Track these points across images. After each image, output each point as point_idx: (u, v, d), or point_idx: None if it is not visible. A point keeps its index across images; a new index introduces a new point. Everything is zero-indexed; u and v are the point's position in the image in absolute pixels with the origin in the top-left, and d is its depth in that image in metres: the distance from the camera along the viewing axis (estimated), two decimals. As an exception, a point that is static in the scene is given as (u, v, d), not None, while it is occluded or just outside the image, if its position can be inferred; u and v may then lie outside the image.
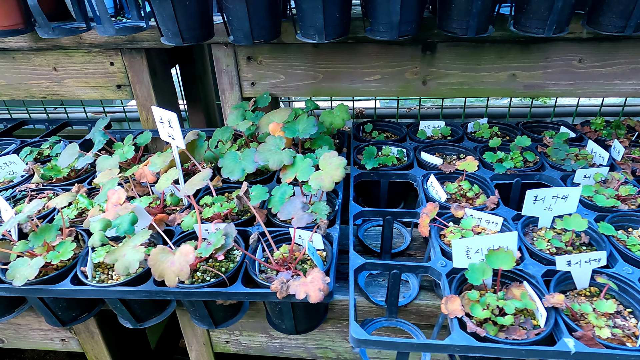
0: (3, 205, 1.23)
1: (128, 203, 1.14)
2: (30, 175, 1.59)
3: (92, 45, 1.70)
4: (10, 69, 1.81)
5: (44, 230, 1.14)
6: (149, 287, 1.05)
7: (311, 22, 1.29)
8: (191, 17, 1.33)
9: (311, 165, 1.25)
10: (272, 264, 1.11)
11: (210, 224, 1.16)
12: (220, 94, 1.80)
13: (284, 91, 1.78)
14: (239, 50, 1.70)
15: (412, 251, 1.44)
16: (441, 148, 1.65)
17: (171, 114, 1.23)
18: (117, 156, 1.43)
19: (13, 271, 1.05)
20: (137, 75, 1.77)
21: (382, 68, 1.68)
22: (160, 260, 0.94)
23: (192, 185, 1.10)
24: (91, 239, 1.04)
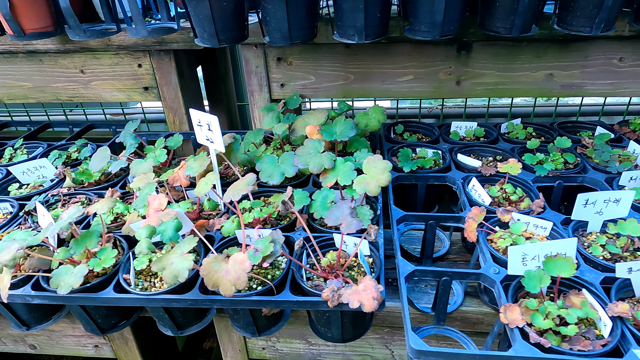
0: (41, 211, 1.21)
1: (170, 209, 1.12)
2: (61, 180, 1.57)
3: (120, 47, 1.68)
4: (36, 72, 1.79)
5: (85, 237, 1.12)
6: (195, 295, 1.03)
7: (351, 22, 1.26)
8: (228, 18, 1.30)
9: (352, 168, 1.22)
10: (318, 270, 1.08)
11: (252, 230, 1.14)
12: (249, 95, 1.77)
13: (314, 92, 1.75)
14: (269, 51, 1.67)
15: (452, 255, 1.41)
16: (476, 149, 1.62)
17: (211, 117, 1.21)
18: (150, 160, 1.41)
19: (57, 279, 1.03)
20: (165, 77, 1.75)
21: (415, 68, 1.65)
22: (213, 270, 0.92)
23: (238, 191, 1.07)
24: (138, 247, 1.01)
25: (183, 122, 1.86)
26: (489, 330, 1.24)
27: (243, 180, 1.10)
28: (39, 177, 1.59)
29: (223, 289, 0.91)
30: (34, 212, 1.39)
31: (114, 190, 1.42)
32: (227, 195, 1.09)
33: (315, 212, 1.19)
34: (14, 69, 1.79)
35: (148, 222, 1.09)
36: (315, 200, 1.21)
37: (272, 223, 1.27)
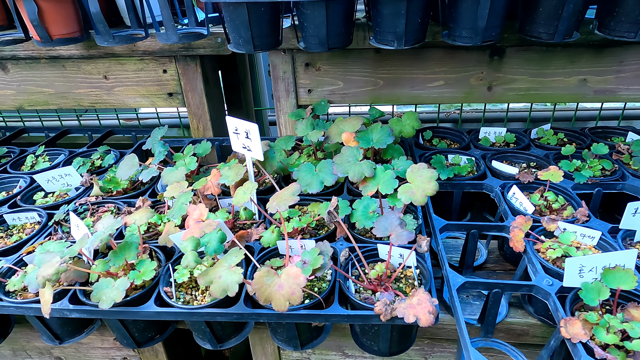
0: (75, 221, 1.18)
1: (211, 219, 1.09)
2: (87, 188, 1.54)
3: (145, 53, 1.65)
4: (59, 78, 1.76)
5: (123, 248, 1.09)
6: (240, 309, 1.00)
7: (391, 27, 1.24)
8: (264, 24, 1.28)
9: (393, 177, 1.20)
10: (365, 282, 1.05)
11: (295, 241, 1.11)
12: (275, 101, 1.75)
13: (342, 98, 1.72)
14: (297, 57, 1.64)
15: (490, 265, 1.38)
16: (509, 156, 1.59)
17: (251, 125, 1.18)
18: (182, 168, 1.38)
19: (98, 293, 1.00)
20: (191, 83, 1.72)
21: (446, 74, 1.63)
22: (266, 284, 0.89)
23: (283, 201, 1.04)
24: (184, 259, 0.98)
25: (207, 129, 1.83)
26: (534, 342, 1.22)
27: (288, 190, 1.07)
28: (63, 185, 1.55)
29: (276, 304, 0.88)
30: (64, 222, 1.36)
31: (145, 199, 1.39)
32: (271, 205, 1.06)
33: (357, 221, 1.16)
34: (36, 75, 1.76)
35: (190, 233, 1.06)
36: (356, 210, 1.18)
37: (311, 233, 1.24)
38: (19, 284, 1.09)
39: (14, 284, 1.09)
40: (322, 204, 1.19)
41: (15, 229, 1.40)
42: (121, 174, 1.47)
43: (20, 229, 1.39)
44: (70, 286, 1.09)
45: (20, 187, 1.60)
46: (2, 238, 1.36)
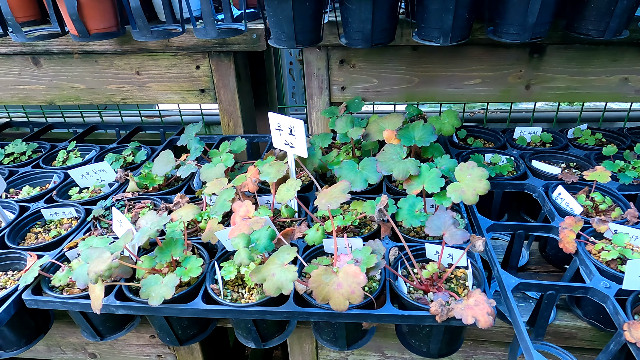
0: (118, 217, 1.17)
1: (258, 216, 1.07)
2: (122, 184, 1.53)
3: (179, 48, 1.64)
4: (91, 73, 1.76)
5: (169, 245, 1.08)
6: (290, 307, 0.98)
7: (437, 23, 1.22)
8: (307, 20, 1.26)
9: (439, 175, 1.18)
10: (415, 282, 1.03)
11: (342, 240, 1.09)
12: (308, 98, 1.73)
13: (376, 96, 1.71)
14: (332, 54, 1.63)
15: (532, 266, 1.36)
16: (547, 156, 1.57)
17: (296, 121, 1.17)
18: (221, 165, 1.36)
19: (147, 290, 0.98)
20: (223, 79, 1.71)
21: (483, 72, 1.60)
22: (324, 282, 0.87)
23: (334, 199, 1.02)
24: (237, 256, 0.97)
25: (237, 126, 1.82)
26: (581, 345, 1.20)
27: (337, 187, 1.05)
28: (97, 181, 1.55)
29: (335, 302, 0.86)
30: (102, 217, 1.35)
31: (182, 195, 1.38)
32: (320, 202, 1.05)
33: (403, 220, 1.14)
34: (68, 70, 1.76)
35: (237, 230, 1.05)
36: (401, 209, 1.16)
37: (354, 232, 1.22)
38: (65, 279, 1.08)
39: (59, 279, 1.08)
40: (367, 202, 1.18)
41: (53, 224, 1.39)
42: (157, 170, 1.46)
43: (58, 224, 1.39)
44: (115, 282, 1.08)
45: (54, 183, 1.59)
46: (40, 233, 1.35)
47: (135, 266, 1.06)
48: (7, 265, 1.23)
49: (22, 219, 1.36)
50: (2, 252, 1.22)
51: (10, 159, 1.75)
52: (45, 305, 1.07)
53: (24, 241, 1.33)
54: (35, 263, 1.11)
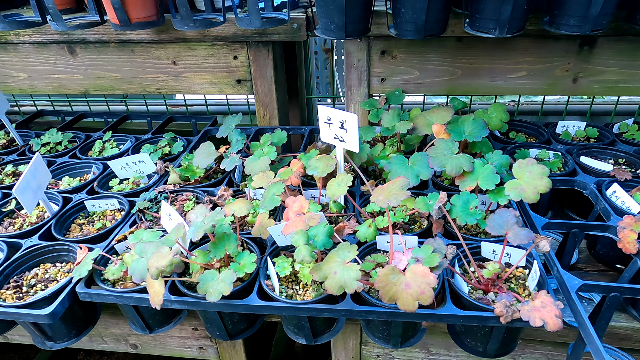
0: (167, 210, 1.16)
1: (313, 212, 1.06)
2: (162, 176, 1.52)
3: (217, 38, 1.61)
4: (127, 63, 1.74)
5: (222, 240, 1.07)
6: (349, 305, 0.97)
7: (494, 14, 1.18)
8: (359, 9, 1.23)
9: (494, 172, 1.15)
10: (473, 281, 1.01)
11: (395, 236, 1.07)
12: (346, 90, 1.70)
13: (416, 88, 1.67)
14: (373, 44, 1.59)
15: (582, 265, 1.33)
16: (594, 151, 1.53)
17: (348, 115, 1.14)
18: (266, 158, 1.35)
19: (204, 285, 0.98)
20: (261, 69, 1.68)
21: (529, 64, 1.56)
22: (391, 282, 0.86)
23: (393, 195, 1.00)
24: (298, 253, 0.95)
25: (273, 117, 1.80)
26: (636, 347, 1.17)
27: (396, 183, 1.03)
28: (136, 172, 1.54)
29: (403, 303, 0.85)
30: (146, 209, 1.34)
31: (226, 188, 1.36)
32: (379, 199, 1.02)
33: (457, 217, 1.12)
34: (104, 59, 1.74)
35: (292, 226, 1.03)
36: (455, 205, 1.13)
37: (404, 228, 1.20)
38: (118, 272, 1.08)
39: (112, 272, 1.08)
40: (419, 198, 1.15)
41: (96, 215, 1.39)
42: (198, 162, 1.45)
43: (101, 216, 1.38)
44: (167, 277, 1.07)
45: (94, 174, 1.59)
46: (84, 224, 1.35)
47: (190, 261, 1.05)
48: (56, 257, 1.23)
49: (66, 211, 1.35)
50: (51, 244, 1.22)
51: (47, 149, 1.75)
52: (98, 298, 1.07)
53: (69, 232, 1.33)
54: (87, 256, 1.11)
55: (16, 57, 1.78)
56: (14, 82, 1.85)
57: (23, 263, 1.19)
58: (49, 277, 1.16)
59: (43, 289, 1.13)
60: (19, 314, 1.03)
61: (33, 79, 1.83)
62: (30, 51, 1.76)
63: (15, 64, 1.79)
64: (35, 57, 1.77)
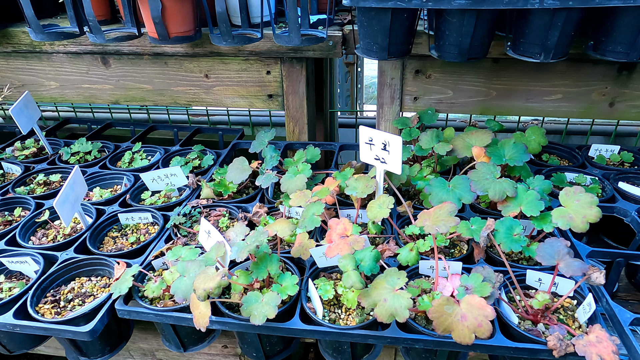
0: (206, 227, 1.15)
1: (356, 235, 1.04)
2: (194, 190, 1.51)
3: (252, 53, 1.62)
4: (159, 75, 1.74)
5: (264, 260, 1.05)
6: (395, 333, 0.95)
7: (540, 39, 1.17)
8: (403, 31, 1.23)
9: (538, 198, 1.13)
10: (520, 310, 0.99)
11: (441, 262, 1.05)
12: (378, 108, 1.69)
13: (449, 107, 1.66)
14: (408, 64, 1.59)
15: (622, 294, 1.31)
16: (632, 177, 1.51)
17: (392, 137, 1.13)
18: (302, 176, 1.34)
19: (248, 308, 0.96)
20: (293, 85, 1.68)
21: (566, 87, 1.55)
22: (446, 313, 0.84)
23: (441, 221, 0.99)
24: (347, 279, 0.94)
25: (303, 132, 1.80)
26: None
27: (443, 208, 1.02)
28: (168, 185, 1.53)
29: (458, 335, 0.83)
30: (181, 225, 1.33)
31: (261, 205, 1.35)
32: (426, 225, 1.01)
33: (502, 244, 1.10)
34: (137, 70, 1.75)
35: (336, 249, 1.02)
36: (498, 231, 1.12)
37: (445, 252, 1.19)
38: (158, 290, 1.07)
39: (152, 290, 1.07)
40: (462, 222, 1.14)
41: (129, 228, 1.38)
42: (232, 178, 1.44)
43: (134, 229, 1.37)
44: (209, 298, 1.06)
45: (125, 185, 1.58)
46: (117, 238, 1.34)
47: (232, 281, 1.04)
48: (91, 271, 1.22)
49: (100, 223, 1.35)
50: (87, 258, 1.21)
51: (76, 158, 1.75)
52: (138, 316, 1.05)
53: (102, 245, 1.32)
54: (125, 272, 1.10)
55: (49, 66, 1.79)
56: (45, 91, 1.85)
57: (59, 276, 1.18)
58: (86, 291, 1.15)
59: (81, 304, 1.12)
60: (59, 330, 1.02)
61: (64, 88, 1.84)
62: (64, 61, 1.77)
63: (47, 73, 1.81)
64: (68, 66, 1.78)
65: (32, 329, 1.03)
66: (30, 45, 1.72)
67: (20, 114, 1.64)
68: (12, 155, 1.78)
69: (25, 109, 1.66)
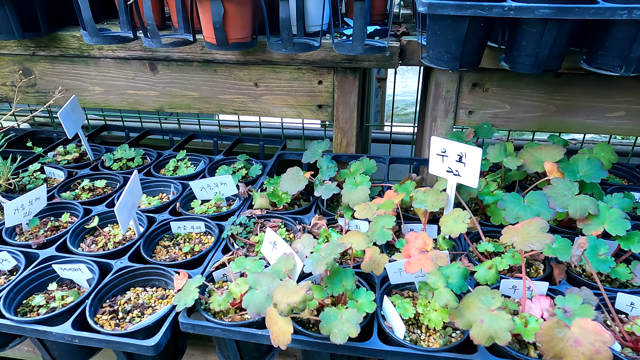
0: (272, 237, 1.09)
1: (438, 251, 0.99)
2: (245, 200, 1.46)
3: (305, 62, 1.59)
4: (207, 82, 1.71)
5: (338, 274, 1.00)
6: (487, 357, 0.88)
7: (622, 52, 1.13)
8: (476, 42, 1.19)
9: (623, 216, 1.08)
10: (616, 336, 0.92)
11: (519, 281, 0.99)
12: (431, 121, 1.65)
13: (505, 122, 1.62)
14: (465, 76, 1.55)
15: (702, 321, 1.23)
16: (699, 198, 1.45)
17: (470, 148, 1.09)
18: (363, 187, 1.29)
19: (328, 325, 0.90)
20: (344, 96, 1.65)
21: (630, 104, 1.50)
22: (556, 337, 0.77)
23: (534, 238, 0.93)
24: (439, 297, 0.88)
25: (351, 144, 1.75)
26: None
27: (533, 224, 0.96)
28: (217, 194, 1.48)
29: (571, 362, 0.76)
30: (237, 235, 1.28)
31: (320, 217, 1.30)
32: (516, 241, 0.95)
33: (586, 264, 1.04)
34: (184, 77, 1.72)
35: (418, 264, 0.96)
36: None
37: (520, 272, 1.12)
38: (225, 303, 1.01)
39: (219, 303, 1.01)
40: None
41: (180, 237, 1.33)
42: (287, 188, 1.40)
43: (186, 238, 1.32)
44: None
45: (173, 193, 1.54)
46: (170, 247, 1.29)
47: (316, 298, 0.98)
48: (146, 281, 1.16)
49: (153, 231, 1.30)
50: (142, 267, 1.16)
51: (118, 165, 1.71)
52: (203, 331, 0.99)
53: (154, 255, 1.27)
54: (188, 283, 1.04)
55: (95, 71, 1.76)
56: (89, 96, 1.83)
57: (115, 286, 1.12)
58: (143, 302, 1.09)
59: (139, 315, 1.06)
60: (121, 344, 0.96)
61: (109, 94, 1.81)
62: (111, 66, 1.74)
63: (93, 78, 1.78)
64: (115, 72, 1.75)
65: (93, 341, 0.97)
66: (78, 49, 1.70)
67: (67, 118, 1.61)
68: (54, 159, 1.74)
69: (71, 113, 1.63)
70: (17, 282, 1.11)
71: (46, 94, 1.86)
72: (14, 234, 1.33)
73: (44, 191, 1.38)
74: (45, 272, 1.17)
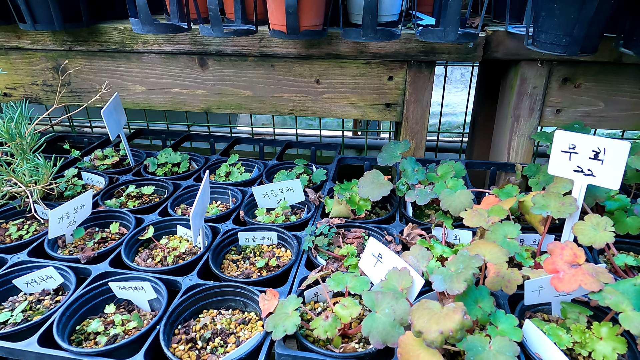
0: (375, 248, 0.92)
1: (591, 264, 0.81)
2: (317, 207, 1.29)
3: (375, 55, 1.43)
4: (262, 79, 1.55)
5: (471, 294, 0.81)
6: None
7: None
8: (602, 22, 1.04)
9: None
10: None
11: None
12: (513, 120, 1.49)
13: (597, 122, 1.46)
14: (555, 70, 1.39)
15: None
16: None
17: (614, 143, 0.92)
18: (467, 191, 1.12)
19: (476, 358, 0.71)
20: (417, 93, 1.49)
21: None
22: None
23: None
24: (628, 321, 0.70)
25: (420, 147, 1.58)
26: None
27: None
28: (280, 201, 1.31)
29: None
30: (320, 248, 1.10)
31: (414, 226, 1.13)
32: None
33: None
34: (237, 74, 1.56)
35: (573, 281, 0.78)
36: None
37: None
38: (332, 330, 0.82)
39: (325, 329, 0.82)
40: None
41: (249, 250, 1.15)
42: (367, 193, 1.22)
43: (257, 252, 1.14)
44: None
45: (233, 201, 1.36)
46: (239, 261, 1.11)
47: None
48: (220, 302, 0.97)
49: (219, 243, 1.12)
50: (216, 286, 0.97)
51: (163, 170, 1.54)
52: (306, 364, 0.81)
53: (222, 270, 1.08)
54: (283, 305, 0.86)
55: (137, 68, 1.60)
56: (128, 96, 1.67)
57: (187, 308, 0.94)
58: (222, 328, 0.90)
59: (222, 345, 0.87)
60: (209, 381, 0.77)
61: (151, 93, 1.65)
62: (155, 62, 1.58)
63: (134, 76, 1.62)
64: (160, 68, 1.59)
65: (175, 378, 0.78)
66: (120, 43, 1.54)
67: (110, 117, 1.44)
68: (91, 164, 1.57)
69: (114, 112, 1.46)
70: (70, 303, 0.93)
71: (80, 94, 1.70)
72: (55, 247, 1.15)
73: (89, 198, 1.21)
74: (99, 292, 0.98)
